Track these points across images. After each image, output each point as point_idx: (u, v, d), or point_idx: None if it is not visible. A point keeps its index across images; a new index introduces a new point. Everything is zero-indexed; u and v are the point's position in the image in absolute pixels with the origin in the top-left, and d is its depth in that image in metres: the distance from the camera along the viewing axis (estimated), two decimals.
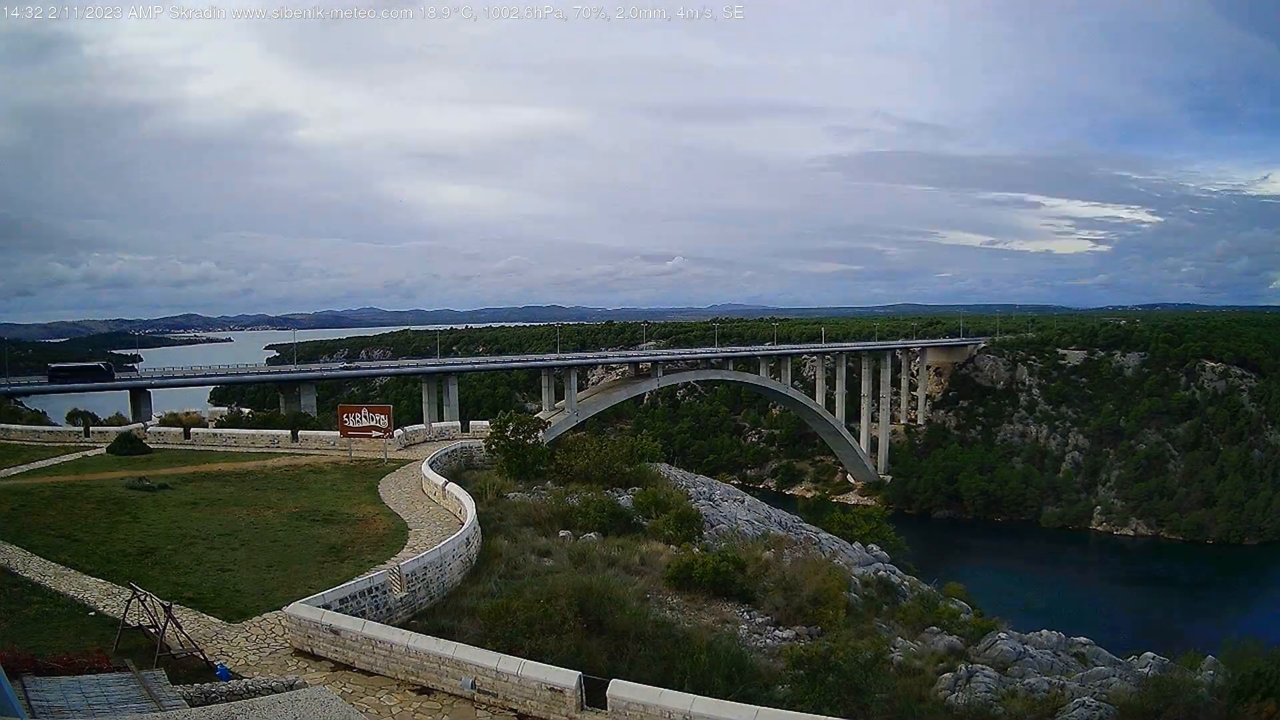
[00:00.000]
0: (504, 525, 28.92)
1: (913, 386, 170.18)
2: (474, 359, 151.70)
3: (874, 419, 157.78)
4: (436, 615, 20.03)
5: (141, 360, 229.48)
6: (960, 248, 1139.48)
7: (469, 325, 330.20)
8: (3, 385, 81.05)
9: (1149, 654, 23.97)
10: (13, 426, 52.27)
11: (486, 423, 47.07)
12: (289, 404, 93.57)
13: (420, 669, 16.15)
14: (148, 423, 54.87)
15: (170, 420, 54.04)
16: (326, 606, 18.03)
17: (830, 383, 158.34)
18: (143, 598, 17.58)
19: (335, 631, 17.24)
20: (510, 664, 15.32)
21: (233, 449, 46.86)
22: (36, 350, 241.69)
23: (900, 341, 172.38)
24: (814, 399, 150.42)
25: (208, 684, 13.17)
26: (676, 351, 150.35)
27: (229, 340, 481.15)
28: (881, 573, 34.32)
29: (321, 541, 26.45)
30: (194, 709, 10.26)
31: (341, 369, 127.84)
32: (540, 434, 44.82)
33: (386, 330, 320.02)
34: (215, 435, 49.85)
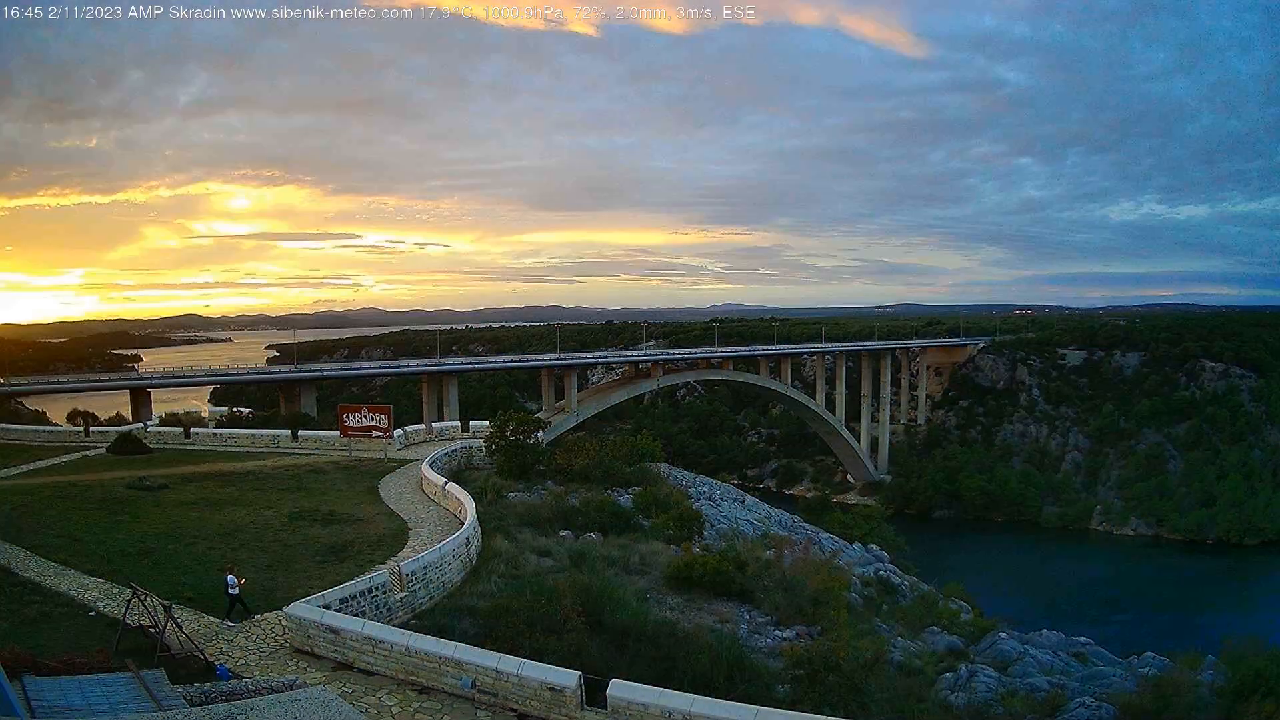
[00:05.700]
0: (504, 525, 28.91)
1: (913, 386, 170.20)
2: (474, 359, 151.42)
3: (874, 419, 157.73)
4: (436, 615, 20.03)
5: (142, 360, 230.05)
6: None
7: (469, 325, 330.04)
8: (3, 385, 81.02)
9: (1149, 654, 23.99)
10: (13, 426, 52.30)
11: (486, 423, 47.06)
12: (289, 404, 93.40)
13: (420, 669, 16.14)
14: (148, 422, 54.89)
15: (170, 420, 54.11)
16: (326, 606, 18.02)
17: (830, 383, 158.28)
18: (143, 597, 17.57)
19: (335, 631, 17.23)
20: (510, 664, 15.30)
21: (233, 449, 46.88)
22: (37, 350, 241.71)
23: (900, 341, 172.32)
24: (814, 399, 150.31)
25: (208, 684, 13.20)
26: (676, 351, 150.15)
27: (229, 340, 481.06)
28: (881, 573, 34.38)
29: (321, 541, 26.45)
30: (194, 709, 10.24)
31: (341, 369, 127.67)
32: (540, 434, 44.90)
33: (386, 330, 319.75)
34: (215, 435, 49.90)
